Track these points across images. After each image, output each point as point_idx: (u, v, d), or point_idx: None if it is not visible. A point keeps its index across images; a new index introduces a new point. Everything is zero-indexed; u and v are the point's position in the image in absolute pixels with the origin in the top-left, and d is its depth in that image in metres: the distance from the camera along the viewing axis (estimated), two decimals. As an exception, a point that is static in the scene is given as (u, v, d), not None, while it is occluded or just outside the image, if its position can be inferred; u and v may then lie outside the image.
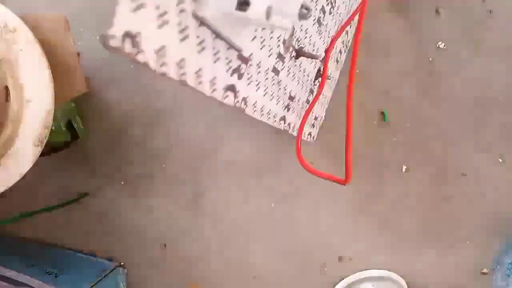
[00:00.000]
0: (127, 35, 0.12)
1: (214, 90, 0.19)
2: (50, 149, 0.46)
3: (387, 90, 0.48)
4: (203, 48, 0.17)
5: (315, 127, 0.45)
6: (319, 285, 0.48)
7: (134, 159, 0.49)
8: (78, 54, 0.35)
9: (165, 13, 0.14)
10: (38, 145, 0.31)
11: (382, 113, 0.49)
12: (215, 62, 0.18)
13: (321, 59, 0.33)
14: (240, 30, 0.18)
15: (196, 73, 0.17)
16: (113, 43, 0.12)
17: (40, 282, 0.39)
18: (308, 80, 0.34)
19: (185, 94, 0.49)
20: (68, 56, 0.34)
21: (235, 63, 0.20)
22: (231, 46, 0.19)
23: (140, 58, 0.13)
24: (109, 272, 0.46)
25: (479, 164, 0.48)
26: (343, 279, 0.48)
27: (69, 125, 0.46)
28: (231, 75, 0.20)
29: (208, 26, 0.16)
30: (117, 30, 0.12)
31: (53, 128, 0.36)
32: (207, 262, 0.49)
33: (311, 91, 0.36)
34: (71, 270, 0.43)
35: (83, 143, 0.50)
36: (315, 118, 0.43)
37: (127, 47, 0.12)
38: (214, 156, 0.49)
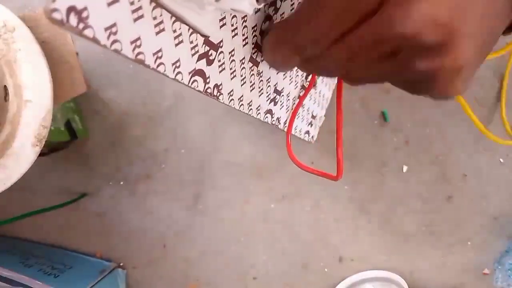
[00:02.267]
0: (72, 9, 0.12)
1: (178, 73, 0.18)
2: (49, 149, 0.46)
3: (388, 89, 0.48)
4: (161, 30, 0.16)
5: (314, 127, 0.45)
6: (319, 285, 0.48)
7: (134, 159, 0.49)
8: (77, 53, 0.35)
9: None
10: (37, 145, 0.31)
11: (383, 113, 0.48)
12: (177, 45, 0.17)
13: None
14: (199, 15, 0.17)
15: (154, 54, 0.16)
16: (57, 16, 0.11)
17: (39, 282, 0.38)
18: (298, 75, 0.33)
19: (185, 94, 0.49)
20: (67, 56, 0.34)
21: (203, 49, 0.19)
22: (195, 30, 0.18)
23: (88, 33, 0.12)
24: (108, 273, 0.46)
25: (480, 165, 0.48)
26: (343, 279, 0.47)
27: (68, 125, 0.46)
28: (198, 60, 0.19)
29: (165, 8, 0.15)
30: (60, 3, 0.11)
31: (52, 128, 0.35)
32: (207, 262, 0.49)
33: (303, 87, 0.36)
34: (70, 271, 0.43)
35: (82, 143, 0.49)
36: (313, 117, 0.43)
37: (73, 21, 0.12)
38: (214, 156, 0.49)
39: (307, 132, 0.43)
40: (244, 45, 0.23)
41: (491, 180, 0.48)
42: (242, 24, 0.22)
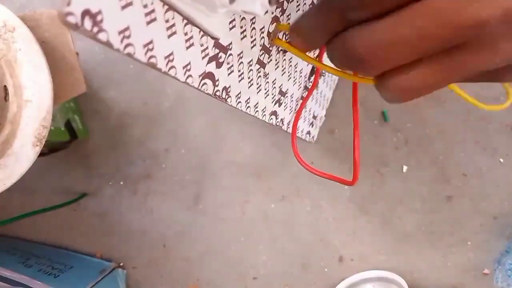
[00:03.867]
0: (87, 13, 0.12)
1: (189, 76, 0.17)
2: (49, 149, 0.46)
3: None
4: (173, 33, 0.16)
5: (314, 127, 0.45)
6: (319, 285, 0.48)
7: (134, 159, 0.49)
8: (77, 53, 0.35)
9: None
10: (37, 145, 0.31)
11: (383, 113, 0.48)
12: (188, 48, 0.17)
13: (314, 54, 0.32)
14: (210, 17, 0.17)
15: (166, 57, 0.16)
16: (71, 20, 0.11)
17: (39, 282, 0.38)
18: (301, 76, 0.33)
19: (186, 94, 0.49)
20: (67, 56, 0.34)
21: (212, 51, 0.19)
22: (205, 33, 0.18)
23: (102, 37, 0.12)
24: (109, 273, 0.46)
25: (480, 164, 0.48)
26: (343, 279, 0.47)
27: (68, 125, 0.46)
28: (208, 63, 0.19)
29: (177, 11, 0.15)
30: (75, 7, 0.11)
31: (52, 128, 0.35)
32: (207, 262, 0.49)
33: (306, 88, 0.36)
34: (70, 271, 0.43)
35: (82, 143, 0.49)
36: (314, 117, 0.43)
37: (87, 25, 0.12)
38: (214, 156, 0.49)
39: (308, 133, 0.43)
40: (252, 47, 0.23)
41: (491, 180, 0.48)
42: (251, 26, 0.22)
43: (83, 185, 0.49)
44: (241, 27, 0.21)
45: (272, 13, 0.23)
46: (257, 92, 0.26)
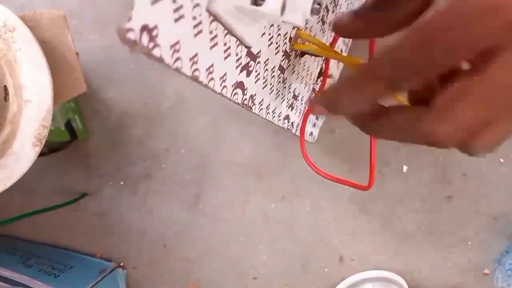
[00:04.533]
0: (145, 28, 0.12)
1: (224, 87, 0.18)
2: (49, 149, 0.46)
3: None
4: (215, 44, 0.16)
5: (316, 127, 0.45)
6: (319, 285, 0.48)
7: (134, 159, 0.49)
8: (77, 53, 0.35)
9: (181, 7, 0.13)
10: (37, 145, 0.31)
11: (383, 113, 0.48)
12: (225, 58, 0.17)
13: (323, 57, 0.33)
14: (251, 26, 0.17)
15: (207, 69, 0.16)
16: (131, 36, 0.11)
17: (39, 282, 0.38)
18: (311, 78, 0.34)
19: (186, 94, 0.49)
20: (68, 56, 0.34)
21: (245, 60, 0.19)
22: (241, 42, 0.18)
23: (156, 52, 0.13)
24: (109, 273, 0.46)
25: (480, 164, 0.48)
26: (343, 279, 0.47)
27: (68, 125, 0.46)
28: (240, 72, 0.19)
29: (221, 22, 0.16)
30: (135, 23, 0.11)
31: (52, 128, 0.35)
32: (207, 262, 0.49)
33: (314, 90, 0.36)
34: (70, 271, 0.43)
35: (82, 143, 0.49)
36: (317, 118, 0.43)
37: (144, 40, 0.12)
38: (214, 156, 0.49)
39: (311, 133, 0.43)
40: (276, 53, 0.23)
41: (491, 180, 0.48)
42: (277, 32, 0.22)
43: (83, 185, 0.49)
44: (269, 34, 0.21)
45: None
46: (276, 98, 0.26)
